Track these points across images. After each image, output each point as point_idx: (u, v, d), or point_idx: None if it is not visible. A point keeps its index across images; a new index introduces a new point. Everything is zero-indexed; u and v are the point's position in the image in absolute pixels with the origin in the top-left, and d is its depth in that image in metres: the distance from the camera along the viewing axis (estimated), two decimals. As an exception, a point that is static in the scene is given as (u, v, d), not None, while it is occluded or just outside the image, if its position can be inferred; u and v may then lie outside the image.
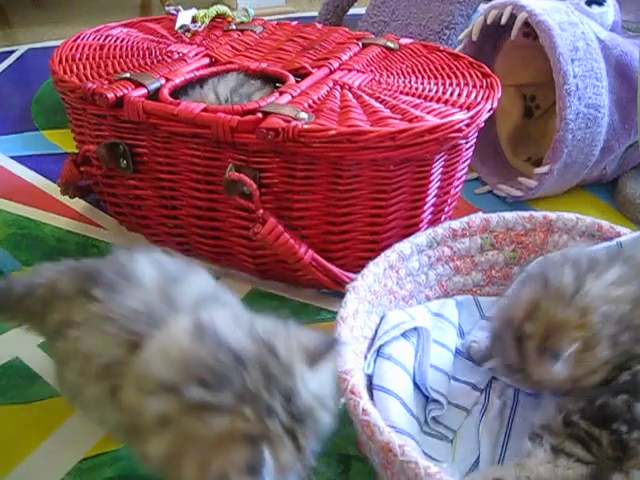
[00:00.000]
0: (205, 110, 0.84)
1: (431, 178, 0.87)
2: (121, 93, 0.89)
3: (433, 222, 0.92)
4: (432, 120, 0.81)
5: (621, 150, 1.15)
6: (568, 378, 0.63)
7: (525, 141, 1.25)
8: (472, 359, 0.79)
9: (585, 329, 0.62)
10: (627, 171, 1.19)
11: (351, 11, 1.80)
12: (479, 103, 0.87)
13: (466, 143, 0.90)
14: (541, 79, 1.21)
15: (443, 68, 0.99)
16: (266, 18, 1.23)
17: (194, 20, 1.16)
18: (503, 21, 1.11)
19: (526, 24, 1.09)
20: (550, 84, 1.08)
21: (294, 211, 0.86)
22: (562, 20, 1.07)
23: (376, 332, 0.76)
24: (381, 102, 0.87)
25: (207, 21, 1.16)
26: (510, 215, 0.84)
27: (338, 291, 0.85)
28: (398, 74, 0.97)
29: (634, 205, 1.11)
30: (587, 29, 1.09)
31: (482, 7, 1.36)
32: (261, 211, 0.83)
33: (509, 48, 1.21)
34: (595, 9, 1.14)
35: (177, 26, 1.13)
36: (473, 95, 0.89)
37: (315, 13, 1.84)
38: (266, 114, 0.82)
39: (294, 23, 1.19)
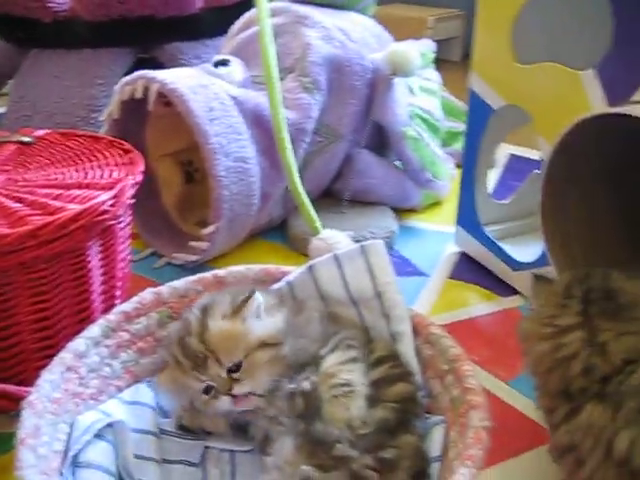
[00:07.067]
0: None
1: (90, 266, 0.83)
2: None
3: (108, 309, 0.88)
4: (73, 208, 0.78)
5: (280, 194, 1.21)
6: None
7: (193, 206, 1.27)
8: (182, 433, 0.76)
9: None
10: (291, 211, 1.26)
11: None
12: (120, 180, 0.85)
13: (119, 223, 0.88)
14: (192, 143, 1.23)
15: (83, 153, 0.96)
16: None
17: None
18: (138, 95, 1.12)
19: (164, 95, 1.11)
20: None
21: (-52, 338, 0.77)
22: (193, 84, 1.11)
23: (68, 442, 0.70)
24: (19, 201, 0.82)
25: None
26: (180, 283, 0.83)
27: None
28: (36, 168, 0.92)
29: (302, 240, 1.16)
30: (218, 89, 1.14)
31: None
32: None
33: (154, 120, 1.23)
34: (222, 70, 1.20)
35: None
36: (115, 174, 0.87)
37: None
38: None
39: None
